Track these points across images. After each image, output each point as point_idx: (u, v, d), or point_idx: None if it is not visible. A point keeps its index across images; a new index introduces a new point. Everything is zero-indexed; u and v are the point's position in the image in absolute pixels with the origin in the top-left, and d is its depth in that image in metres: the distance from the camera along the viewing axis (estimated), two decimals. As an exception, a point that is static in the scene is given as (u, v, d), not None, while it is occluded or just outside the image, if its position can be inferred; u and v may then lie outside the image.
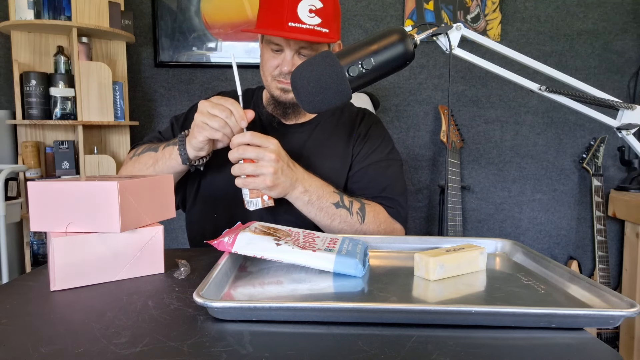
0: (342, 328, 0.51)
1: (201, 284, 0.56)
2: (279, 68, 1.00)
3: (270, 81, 1.04)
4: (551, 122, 2.37)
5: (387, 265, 0.74)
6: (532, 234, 2.41)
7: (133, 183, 0.65)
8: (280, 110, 1.07)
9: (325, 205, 0.94)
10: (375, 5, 2.29)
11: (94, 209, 0.63)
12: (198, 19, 2.24)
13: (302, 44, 0.98)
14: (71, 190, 0.64)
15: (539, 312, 0.50)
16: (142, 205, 0.67)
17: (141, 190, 0.67)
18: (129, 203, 0.64)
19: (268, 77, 1.04)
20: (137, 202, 0.66)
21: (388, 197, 1.05)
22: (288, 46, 0.98)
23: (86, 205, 0.64)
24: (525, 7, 2.31)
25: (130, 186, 0.65)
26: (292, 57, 0.99)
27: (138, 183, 0.66)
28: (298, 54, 1.00)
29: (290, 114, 1.07)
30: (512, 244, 0.80)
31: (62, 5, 1.91)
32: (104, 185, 0.63)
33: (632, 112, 0.73)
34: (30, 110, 1.90)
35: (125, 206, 0.64)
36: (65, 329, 0.51)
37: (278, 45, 0.99)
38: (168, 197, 0.73)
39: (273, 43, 1.00)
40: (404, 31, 0.74)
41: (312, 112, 0.78)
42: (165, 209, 0.73)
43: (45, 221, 0.64)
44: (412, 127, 2.36)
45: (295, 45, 0.98)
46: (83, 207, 0.64)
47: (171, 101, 2.30)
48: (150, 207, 0.69)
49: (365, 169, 1.08)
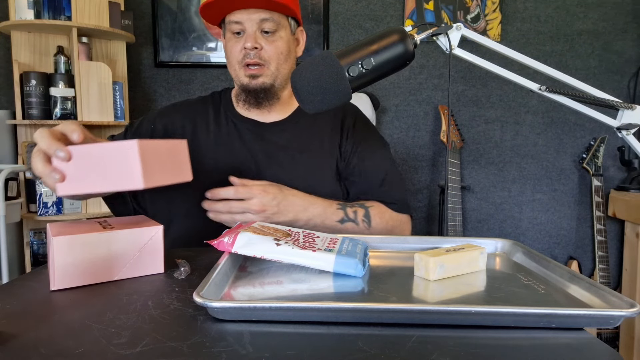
0: (342, 328, 0.51)
1: (201, 284, 0.56)
2: (243, 48, 0.99)
3: (238, 69, 1.02)
4: (551, 122, 2.37)
5: (387, 265, 0.74)
6: (532, 234, 2.41)
7: (150, 143, 0.66)
8: (253, 99, 1.04)
9: (330, 224, 0.94)
10: (375, 5, 2.29)
11: (117, 167, 0.64)
12: (198, 19, 2.24)
13: (264, 15, 0.97)
14: (93, 152, 0.65)
15: (539, 312, 0.50)
16: (160, 165, 0.69)
17: (158, 151, 0.68)
18: (149, 161, 0.65)
19: (236, 65, 1.02)
20: (155, 161, 0.67)
21: (388, 192, 1.05)
22: (249, 19, 0.98)
23: (110, 164, 0.64)
24: (525, 7, 2.31)
25: (148, 146, 0.66)
26: (254, 32, 0.98)
27: (154, 144, 0.67)
28: (261, 31, 0.99)
29: (263, 100, 1.04)
30: (512, 244, 0.80)
31: (62, 5, 1.91)
32: (124, 144, 0.64)
33: (632, 112, 0.73)
34: (30, 110, 1.90)
35: (146, 163, 0.64)
36: (65, 329, 0.51)
37: (238, 24, 0.99)
38: (184, 161, 0.75)
39: (233, 22, 0.99)
40: (404, 31, 0.74)
41: (312, 112, 0.78)
42: (183, 172, 0.74)
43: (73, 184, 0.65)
44: (412, 127, 2.36)
45: (257, 17, 0.97)
46: (107, 167, 0.64)
47: (171, 101, 2.30)
48: (168, 167, 0.71)
49: (361, 163, 1.07)
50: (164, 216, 1.01)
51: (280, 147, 1.05)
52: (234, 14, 0.98)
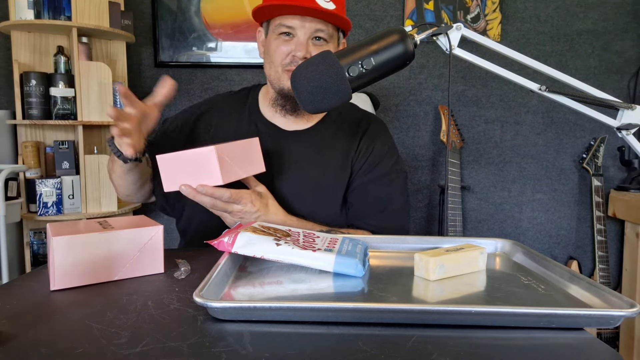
0: (342, 328, 0.51)
1: (201, 284, 0.56)
2: (291, 55, 0.94)
3: (280, 72, 0.97)
4: (551, 122, 2.37)
5: (387, 265, 0.74)
6: (532, 234, 2.41)
7: (225, 147, 0.81)
8: (290, 105, 1.00)
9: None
10: (375, 5, 2.29)
11: (202, 169, 0.79)
12: (198, 19, 2.24)
13: (319, 26, 0.93)
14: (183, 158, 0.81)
15: (539, 312, 0.50)
16: (236, 163, 0.83)
17: (233, 151, 0.83)
18: (226, 162, 0.80)
19: (278, 67, 0.97)
20: (231, 160, 0.82)
21: (385, 221, 1.02)
22: (303, 27, 0.93)
23: (195, 167, 0.80)
24: (525, 7, 2.31)
25: (225, 149, 0.80)
26: (307, 40, 0.94)
27: (230, 146, 0.82)
28: (312, 38, 0.94)
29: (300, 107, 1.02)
30: (512, 244, 0.80)
31: (62, 5, 1.91)
32: (204, 151, 0.79)
33: (632, 112, 0.73)
34: (30, 110, 1.90)
35: (224, 164, 0.79)
36: (65, 329, 0.51)
37: (290, 28, 0.94)
38: (256, 156, 0.89)
39: (284, 26, 0.94)
40: (404, 31, 0.74)
41: (312, 112, 0.78)
42: (256, 165, 0.88)
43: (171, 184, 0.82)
44: (412, 127, 2.36)
45: (311, 27, 0.93)
46: (194, 169, 0.80)
47: (171, 101, 2.29)
48: (242, 163, 0.85)
49: (365, 186, 1.03)
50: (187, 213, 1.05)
51: (294, 159, 1.02)
52: (288, 19, 0.94)
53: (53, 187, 1.92)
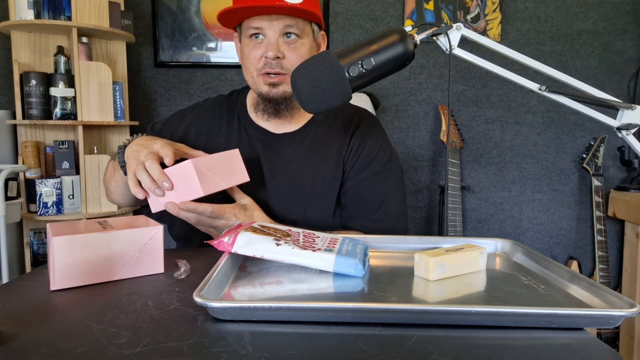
0: (342, 328, 0.51)
1: (201, 284, 0.56)
2: (264, 57, 0.93)
3: (256, 77, 0.96)
4: (551, 122, 2.37)
5: (387, 265, 0.74)
6: (532, 234, 2.41)
7: (204, 159, 0.82)
8: (272, 109, 0.99)
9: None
10: (375, 5, 2.29)
11: (183, 182, 0.80)
12: (198, 19, 2.24)
13: (287, 22, 0.91)
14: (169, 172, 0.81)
15: (539, 312, 0.50)
16: (216, 174, 0.83)
17: (212, 164, 0.83)
18: (204, 174, 0.80)
19: (253, 72, 0.96)
20: (211, 172, 0.82)
21: (380, 222, 1.00)
22: (271, 27, 0.92)
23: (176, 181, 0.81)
24: (525, 7, 2.32)
25: (202, 162, 0.81)
26: (277, 39, 0.92)
27: (208, 159, 0.83)
28: (283, 36, 0.93)
29: (283, 110, 0.99)
30: (512, 244, 0.80)
31: (62, 5, 1.91)
32: (182, 164, 0.80)
33: (632, 112, 0.73)
34: (30, 110, 1.90)
35: (202, 176, 0.80)
36: (65, 329, 0.51)
37: (259, 29, 0.92)
38: (238, 166, 0.88)
39: (253, 27, 0.92)
40: (404, 31, 0.74)
41: (312, 112, 0.78)
42: (238, 175, 0.88)
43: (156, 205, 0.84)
44: (412, 127, 2.36)
45: (280, 25, 0.91)
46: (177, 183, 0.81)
47: (171, 101, 2.30)
48: (224, 174, 0.85)
49: (358, 186, 1.01)
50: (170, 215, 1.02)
51: (285, 162, 1.01)
52: (254, 20, 0.92)
53: (53, 187, 1.92)
